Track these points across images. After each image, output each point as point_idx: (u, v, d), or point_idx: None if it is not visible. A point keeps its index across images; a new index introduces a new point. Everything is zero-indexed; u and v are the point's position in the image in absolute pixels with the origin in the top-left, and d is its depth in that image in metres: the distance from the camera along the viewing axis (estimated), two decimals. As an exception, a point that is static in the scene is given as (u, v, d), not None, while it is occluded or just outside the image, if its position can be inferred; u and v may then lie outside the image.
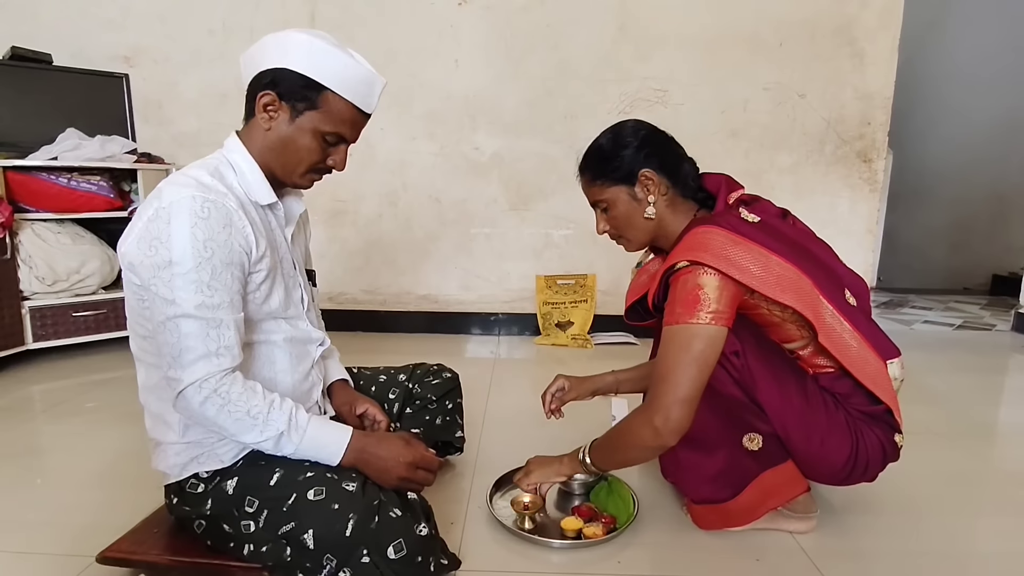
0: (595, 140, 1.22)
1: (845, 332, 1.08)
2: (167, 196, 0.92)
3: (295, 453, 0.98)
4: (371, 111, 1.06)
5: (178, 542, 1.07)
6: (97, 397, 2.03)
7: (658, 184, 1.15)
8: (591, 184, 1.21)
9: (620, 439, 1.13)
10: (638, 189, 1.16)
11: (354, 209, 2.95)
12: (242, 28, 2.74)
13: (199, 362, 0.91)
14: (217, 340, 0.92)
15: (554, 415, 1.43)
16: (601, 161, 1.18)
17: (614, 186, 1.17)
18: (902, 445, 1.15)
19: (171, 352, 0.91)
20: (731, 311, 1.03)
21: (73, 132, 2.41)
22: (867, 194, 2.89)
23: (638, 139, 1.17)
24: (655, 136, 1.19)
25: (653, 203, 1.16)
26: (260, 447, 0.97)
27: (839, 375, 1.13)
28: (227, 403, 0.92)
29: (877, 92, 2.80)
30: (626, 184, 1.17)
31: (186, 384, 0.91)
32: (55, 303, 2.36)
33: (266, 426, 0.94)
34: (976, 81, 4.47)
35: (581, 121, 2.83)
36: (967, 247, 4.74)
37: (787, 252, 1.06)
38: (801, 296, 1.04)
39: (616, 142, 1.18)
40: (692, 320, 1.01)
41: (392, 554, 0.90)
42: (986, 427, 1.93)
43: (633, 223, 1.19)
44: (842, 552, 1.18)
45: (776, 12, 2.73)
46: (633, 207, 1.17)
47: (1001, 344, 3.04)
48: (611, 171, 1.17)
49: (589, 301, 2.92)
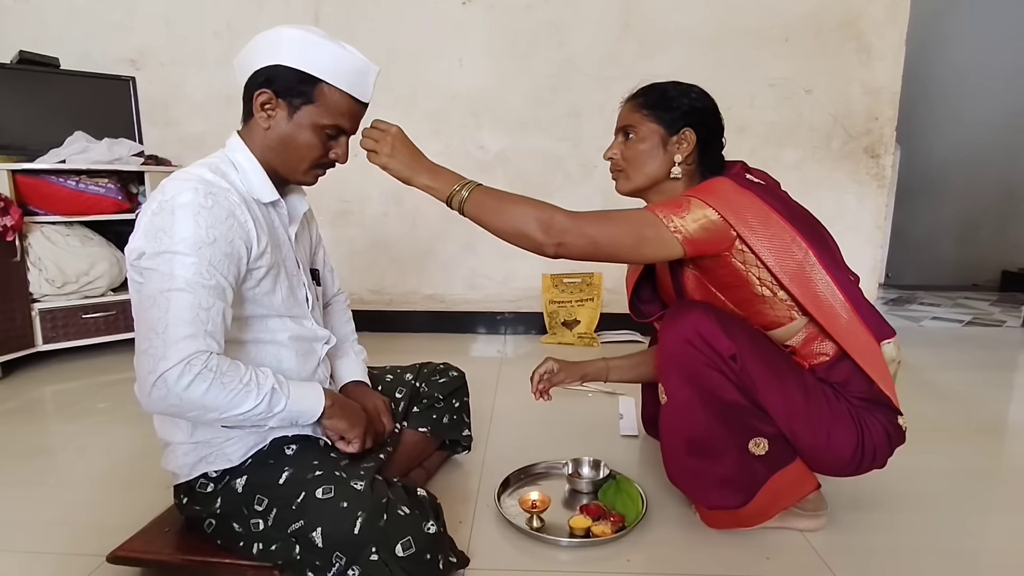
0: (660, 82, 1.23)
1: (837, 303, 1.08)
2: (170, 190, 0.93)
3: (284, 409, 0.97)
4: (367, 100, 1.06)
5: (188, 541, 1.08)
6: (107, 398, 2.05)
7: (689, 149, 1.17)
8: (636, 109, 1.21)
9: (514, 203, 1.09)
10: (673, 140, 1.18)
11: (359, 209, 2.96)
12: (247, 30, 2.73)
13: (187, 340, 0.88)
14: (206, 322, 0.90)
15: (542, 396, 1.41)
16: (660, 97, 1.20)
17: (655, 123, 1.19)
18: (906, 427, 1.15)
19: (155, 327, 0.88)
20: (701, 243, 1.05)
21: (81, 135, 2.42)
22: (875, 190, 2.87)
23: (701, 101, 1.20)
24: (714, 112, 1.22)
25: (679, 163, 1.18)
26: (253, 413, 0.94)
27: (834, 362, 1.13)
28: (220, 375, 0.90)
29: (884, 87, 2.77)
30: (666, 128, 1.18)
31: (173, 363, 0.86)
32: (65, 305, 2.38)
33: (259, 388, 0.94)
34: (985, 75, 4.43)
35: (586, 119, 2.83)
36: (976, 243, 4.70)
37: (787, 216, 1.08)
38: (786, 259, 1.06)
39: (681, 92, 1.20)
40: (660, 215, 1.05)
41: (401, 552, 0.90)
42: (996, 424, 1.92)
43: (644, 164, 1.20)
44: (852, 549, 1.17)
45: (781, 6, 2.72)
46: (656, 152, 1.18)
47: (1011, 340, 3.02)
48: (662, 109, 1.18)
49: (595, 299, 2.91)
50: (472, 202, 1.08)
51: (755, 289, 1.12)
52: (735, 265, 1.10)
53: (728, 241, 1.07)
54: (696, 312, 1.10)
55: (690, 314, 1.10)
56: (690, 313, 1.10)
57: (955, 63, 4.49)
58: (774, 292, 1.11)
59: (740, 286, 1.13)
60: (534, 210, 1.06)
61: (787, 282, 1.07)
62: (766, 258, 1.06)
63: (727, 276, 1.12)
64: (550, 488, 1.37)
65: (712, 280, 1.16)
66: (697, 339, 1.07)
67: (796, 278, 1.07)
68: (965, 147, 4.56)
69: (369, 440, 1.11)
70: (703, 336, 1.07)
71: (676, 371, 1.11)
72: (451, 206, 1.10)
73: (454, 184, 1.08)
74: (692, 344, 1.08)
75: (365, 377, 1.31)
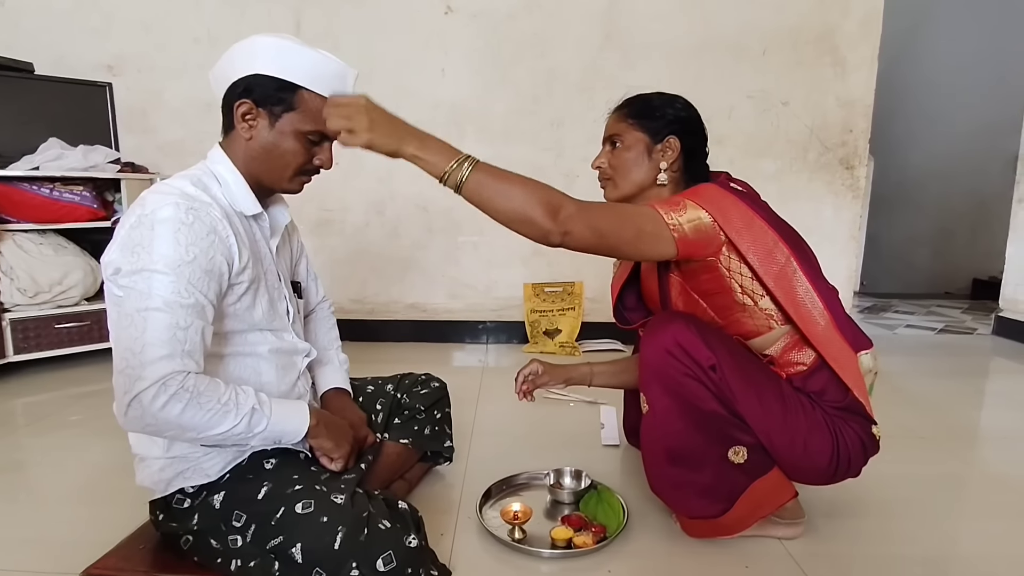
0: (645, 93, 1.26)
1: (815, 310, 1.11)
2: (150, 204, 0.92)
3: (266, 430, 0.96)
4: None
5: (164, 558, 1.06)
6: (81, 410, 2.00)
7: (674, 156, 1.20)
8: (622, 119, 1.24)
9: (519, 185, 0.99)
10: (657, 148, 1.21)
11: (341, 219, 2.95)
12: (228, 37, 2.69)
13: (163, 360, 0.87)
14: (183, 341, 0.89)
15: (526, 397, 1.43)
16: (645, 107, 1.23)
17: (641, 132, 1.21)
18: (880, 436, 1.17)
19: (132, 347, 0.87)
20: (692, 244, 1.07)
21: (55, 142, 2.38)
22: (850, 200, 2.93)
23: (686, 111, 1.24)
24: (697, 121, 1.26)
25: (664, 169, 1.20)
26: (231, 434, 0.93)
27: (811, 372, 1.15)
28: (197, 395, 0.89)
29: (858, 99, 2.84)
30: (651, 137, 1.21)
31: (148, 383, 0.85)
32: (37, 315, 2.33)
33: (238, 408, 0.93)
34: (955, 89, 4.55)
35: (568, 129, 2.85)
36: (948, 252, 4.81)
37: (770, 220, 1.11)
38: (769, 263, 1.09)
39: (665, 102, 1.23)
40: (661, 210, 1.06)
41: (382, 566, 0.89)
42: (968, 430, 1.96)
43: (630, 171, 1.22)
44: (828, 556, 1.19)
45: (759, 21, 2.77)
46: (642, 160, 1.21)
47: (982, 347, 3.09)
48: (647, 118, 1.21)
49: (577, 309, 2.93)
50: (473, 181, 0.97)
51: (736, 296, 1.14)
52: (720, 271, 1.12)
53: (716, 245, 1.09)
54: (676, 323, 1.11)
55: (670, 325, 1.11)
56: (670, 324, 1.11)
57: (927, 77, 4.61)
58: (755, 301, 1.14)
59: (721, 292, 1.15)
60: (541, 194, 0.98)
61: (771, 285, 1.09)
62: (751, 260, 1.08)
63: (710, 282, 1.14)
64: (532, 499, 1.37)
65: (695, 286, 1.18)
66: (677, 350, 1.09)
67: (778, 282, 1.09)
68: (937, 158, 4.68)
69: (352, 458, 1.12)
70: (683, 347, 1.08)
71: (657, 381, 1.12)
72: (445, 183, 0.99)
73: (450, 160, 0.98)
74: (672, 355, 1.09)
75: (347, 385, 1.31)
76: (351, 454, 1.11)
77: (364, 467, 1.15)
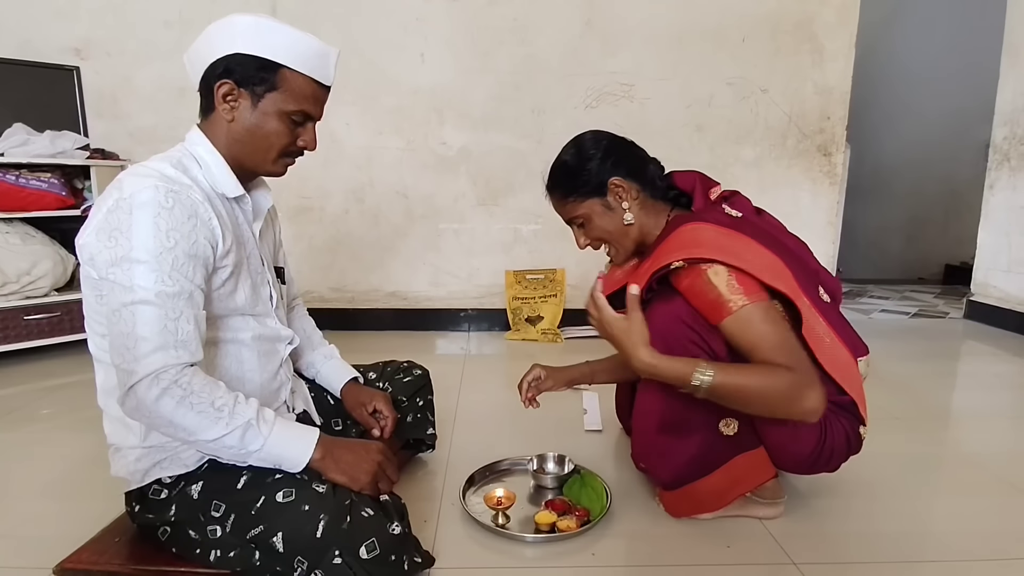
0: (558, 158, 1.23)
1: (819, 327, 1.10)
2: (128, 187, 0.89)
3: (261, 450, 0.92)
4: (330, 83, 1.04)
5: (141, 550, 1.04)
6: (52, 403, 1.96)
7: (628, 190, 1.18)
8: (563, 202, 1.22)
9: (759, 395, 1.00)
10: (611, 198, 1.18)
11: (320, 206, 2.90)
12: (200, 20, 2.61)
13: (156, 353, 0.86)
14: (175, 332, 0.87)
15: (531, 404, 1.42)
16: (569, 177, 1.20)
17: (587, 200, 1.19)
18: (865, 437, 1.18)
19: (125, 343, 0.86)
20: (754, 285, 1.03)
21: (21, 127, 2.31)
22: (827, 187, 2.96)
23: (601, 149, 1.19)
24: (616, 143, 1.21)
25: (628, 208, 1.18)
26: (222, 444, 0.90)
27: None
28: (189, 394, 0.87)
29: (836, 87, 2.87)
30: (598, 196, 1.18)
31: (140, 376, 0.85)
32: (5, 306, 2.26)
33: (232, 417, 0.89)
34: (927, 80, 4.62)
35: (549, 115, 2.84)
36: (922, 239, 4.91)
37: (770, 245, 1.09)
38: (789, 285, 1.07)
39: (580, 156, 1.19)
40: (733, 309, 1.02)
41: (365, 554, 0.88)
42: (942, 411, 2.01)
43: (615, 232, 1.20)
44: (808, 535, 1.21)
45: (739, 8, 2.78)
46: (610, 217, 1.19)
47: (954, 331, 3.16)
48: (580, 185, 1.18)
49: (559, 296, 2.93)
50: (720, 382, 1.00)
51: None
52: None
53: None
54: None
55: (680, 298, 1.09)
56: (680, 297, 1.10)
57: (902, 66, 4.66)
58: None
59: None
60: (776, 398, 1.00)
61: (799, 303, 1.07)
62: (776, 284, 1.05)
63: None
64: (515, 484, 1.37)
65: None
66: (690, 318, 1.07)
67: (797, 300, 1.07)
68: (912, 147, 4.75)
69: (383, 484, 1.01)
70: (695, 316, 1.07)
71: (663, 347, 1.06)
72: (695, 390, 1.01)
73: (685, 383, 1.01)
74: (684, 322, 1.07)
75: (355, 372, 1.34)
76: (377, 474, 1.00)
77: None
